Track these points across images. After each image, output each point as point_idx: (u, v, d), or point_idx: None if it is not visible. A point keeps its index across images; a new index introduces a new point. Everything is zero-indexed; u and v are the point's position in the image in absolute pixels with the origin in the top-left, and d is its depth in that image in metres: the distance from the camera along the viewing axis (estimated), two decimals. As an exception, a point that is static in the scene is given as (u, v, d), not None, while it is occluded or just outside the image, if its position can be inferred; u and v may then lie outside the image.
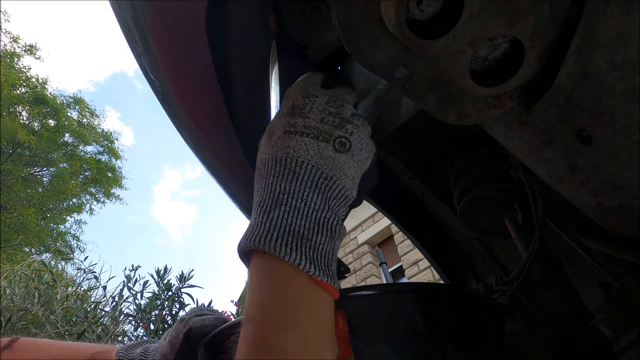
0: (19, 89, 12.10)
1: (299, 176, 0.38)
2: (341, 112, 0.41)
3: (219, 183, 0.73)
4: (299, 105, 0.41)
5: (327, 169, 0.38)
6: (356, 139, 0.41)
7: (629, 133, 0.39)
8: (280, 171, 0.39)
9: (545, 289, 0.68)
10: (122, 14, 0.50)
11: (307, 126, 0.40)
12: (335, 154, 0.39)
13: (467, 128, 0.48)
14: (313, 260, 0.35)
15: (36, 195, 12.33)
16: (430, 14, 0.38)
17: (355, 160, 0.40)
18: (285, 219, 0.36)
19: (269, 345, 0.32)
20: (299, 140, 0.39)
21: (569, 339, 0.64)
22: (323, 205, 0.38)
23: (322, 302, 0.36)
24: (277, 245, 0.35)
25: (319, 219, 0.37)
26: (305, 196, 0.37)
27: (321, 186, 0.38)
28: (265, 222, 0.37)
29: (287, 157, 0.39)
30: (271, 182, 0.39)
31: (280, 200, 0.37)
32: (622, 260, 0.68)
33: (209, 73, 0.52)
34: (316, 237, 0.37)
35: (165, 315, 3.95)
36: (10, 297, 3.40)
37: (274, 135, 0.41)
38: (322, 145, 0.39)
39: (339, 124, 0.40)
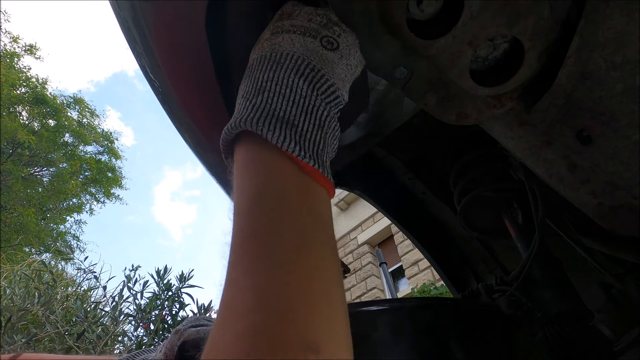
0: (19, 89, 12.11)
1: (284, 65, 0.36)
2: (329, 14, 0.39)
3: (219, 183, 0.73)
4: (287, 11, 0.40)
5: (313, 60, 0.36)
6: (344, 42, 0.38)
7: (629, 133, 0.39)
8: (264, 64, 0.37)
9: (545, 289, 0.68)
10: (122, 14, 0.50)
11: (294, 25, 0.38)
12: (322, 50, 0.37)
13: (467, 128, 0.48)
14: (298, 142, 0.32)
15: (36, 195, 12.33)
16: (430, 14, 0.38)
17: (344, 62, 0.38)
18: (268, 104, 0.33)
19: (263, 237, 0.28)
20: (285, 37, 0.38)
21: (569, 339, 0.64)
22: (310, 93, 0.35)
23: (315, 193, 0.33)
24: (260, 124, 0.32)
25: (306, 107, 0.34)
26: (291, 82, 0.35)
27: (308, 75, 0.35)
28: (248, 106, 0.34)
29: (272, 51, 0.37)
30: (255, 76, 0.36)
31: (263, 88, 0.35)
32: (622, 260, 0.68)
33: (209, 73, 0.52)
34: (302, 123, 0.33)
35: (165, 315, 3.95)
36: (10, 297, 3.40)
37: (260, 41, 0.40)
38: (309, 40, 0.37)
39: (327, 24, 0.38)
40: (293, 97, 0.34)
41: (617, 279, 0.74)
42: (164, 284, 4.01)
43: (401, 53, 0.41)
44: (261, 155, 0.33)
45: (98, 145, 14.16)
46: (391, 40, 0.40)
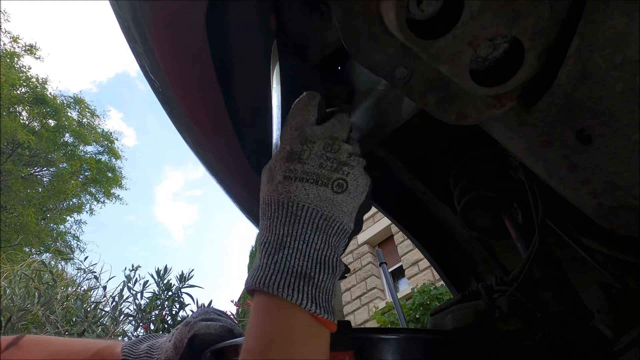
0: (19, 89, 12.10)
1: (300, 219, 0.41)
2: (338, 156, 0.43)
3: (219, 183, 0.73)
4: (297, 151, 0.44)
5: (326, 211, 0.41)
6: (352, 179, 0.43)
7: (629, 133, 0.39)
8: (282, 214, 0.41)
9: (545, 289, 0.68)
10: (122, 13, 0.50)
11: (306, 172, 0.42)
12: (333, 196, 0.42)
13: (467, 128, 0.48)
14: (314, 298, 0.38)
15: (36, 195, 12.33)
16: (430, 13, 0.38)
17: (351, 198, 0.43)
18: (288, 261, 0.39)
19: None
20: (299, 186, 0.42)
21: (569, 339, 0.64)
22: (323, 245, 0.41)
23: (321, 337, 0.39)
24: (281, 287, 0.38)
25: (320, 258, 0.40)
26: (307, 238, 0.40)
27: (321, 227, 0.41)
28: (270, 264, 0.39)
29: (289, 201, 0.41)
30: (275, 225, 0.41)
31: (283, 243, 0.40)
32: (622, 260, 0.68)
33: (209, 73, 0.52)
34: (318, 275, 0.39)
35: (165, 315, 3.94)
36: (10, 297, 3.40)
37: (275, 180, 0.44)
38: (322, 189, 0.42)
39: (337, 168, 0.43)
40: (309, 252, 0.40)
41: (617, 279, 0.74)
42: (164, 284, 4.01)
43: (401, 53, 0.41)
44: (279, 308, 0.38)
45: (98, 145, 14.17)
46: (391, 40, 0.40)
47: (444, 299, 5.92)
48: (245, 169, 0.63)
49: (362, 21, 0.39)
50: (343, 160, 0.43)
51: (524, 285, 0.70)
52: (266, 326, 0.38)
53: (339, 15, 0.39)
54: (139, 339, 0.64)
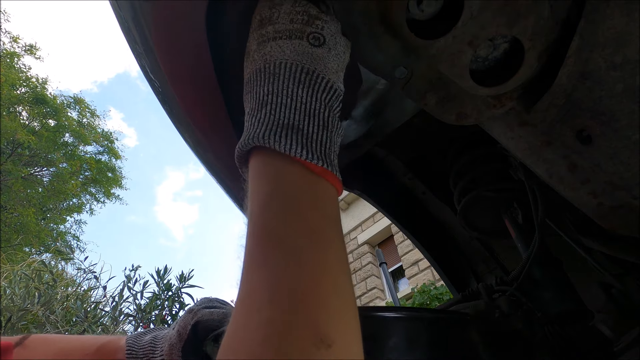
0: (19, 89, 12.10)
1: (280, 75, 0.37)
2: (307, 9, 0.40)
3: (219, 183, 0.73)
4: (266, 16, 0.41)
5: (307, 64, 0.38)
6: (328, 33, 0.40)
7: (629, 133, 0.39)
8: (261, 78, 0.38)
9: (545, 289, 0.68)
10: (122, 13, 0.50)
11: (277, 30, 0.39)
12: (312, 49, 0.38)
13: (467, 128, 0.48)
14: (305, 145, 0.34)
15: (36, 195, 12.33)
16: (430, 14, 0.38)
17: (333, 54, 0.39)
18: (272, 115, 0.35)
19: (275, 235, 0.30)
20: (272, 45, 0.39)
21: (569, 339, 0.64)
22: (311, 98, 0.37)
23: (323, 191, 0.34)
24: (266, 136, 0.34)
25: (308, 111, 0.36)
26: (290, 92, 0.36)
27: (305, 80, 0.37)
28: (254, 123, 0.36)
29: (265, 63, 0.38)
30: (256, 91, 0.38)
31: (265, 101, 0.37)
32: (622, 260, 0.68)
33: (209, 73, 0.52)
34: (308, 126, 0.35)
35: (165, 315, 3.94)
36: (10, 297, 3.40)
37: (250, 53, 0.41)
38: (297, 42, 0.38)
39: (308, 21, 0.39)
40: (294, 105, 0.36)
41: (617, 279, 0.74)
42: (164, 284, 4.01)
43: (401, 53, 0.41)
44: (272, 163, 0.35)
45: (98, 145, 14.16)
46: (391, 40, 0.40)
47: (444, 299, 5.92)
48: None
49: (362, 21, 0.39)
50: (314, 14, 0.40)
51: (524, 285, 0.70)
52: (259, 188, 0.34)
53: (339, 15, 0.39)
54: (143, 331, 0.64)
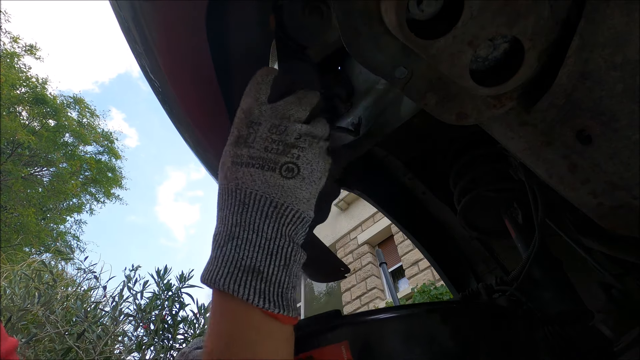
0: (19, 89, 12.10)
1: (249, 207, 0.39)
2: (284, 138, 0.40)
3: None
4: (243, 135, 0.42)
5: (276, 197, 0.39)
6: (304, 162, 0.40)
7: (629, 133, 0.39)
8: (231, 203, 0.40)
9: (545, 289, 0.68)
10: (122, 13, 0.50)
11: (252, 156, 0.40)
12: (283, 181, 0.39)
13: (467, 128, 0.48)
14: (263, 293, 0.36)
15: (36, 195, 12.33)
16: (430, 13, 0.38)
17: (307, 183, 0.40)
18: (237, 253, 0.37)
19: None
20: (245, 172, 0.40)
21: (569, 339, 0.64)
22: (276, 234, 0.38)
23: (278, 333, 0.38)
24: (227, 282, 0.36)
25: (271, 249, 0.38)
26: (257, 227, 0.38)
27: (272, 214, 0.38)
28: (219, 257, 0.38)
29: (237, 188, 0.40)
30: (225, 215, 0.40)
31: (232, 234, 0.38)
32: (622, 260, 0.68)
33: (209, 73, 0.52)
34: (268, 268, 0.37)
35: (165, 315, 3.94)
36: (10, 297, 3.40)
37: (225, 166, 0.42)
38: (268, 174, 0.39)
39: (283, 150, 0.40)
40: (259, 241, 0.38)
41: (617, 279, 0.74)
42: (164, 284, 4.01)
43: (401, 53, 0.41)
44: (232, 307, 0.37)
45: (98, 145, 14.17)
46: (391, 40, 0.40)
47: (444, 299, 5.92)
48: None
49: (362, 21, 0.39)
50: (290, 142, 0.40)
51: (524, 285, 0.70)
52: (221, 326, 0.38)
53: (339, 15, 0.39)
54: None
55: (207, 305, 4.05)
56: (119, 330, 3.74)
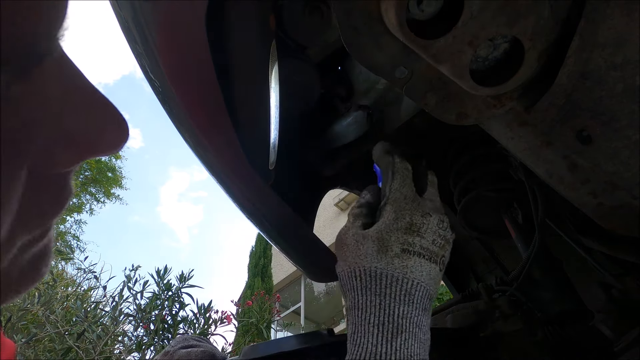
0: (19, 89, 12.09)
1: (414, 298, 0.39)
2: (446, 234, 0.43)
3: (219, 183, 0.73)
4: (417, 223, 0.42)
5: (431, 289, 0.41)
6: (448, 257, 0.44)
7: (629, 133, 0.39)
8: (396, 292, 0.39)
9: (545, 289, 0.68)
10: (122, 13, 0.50)
11: (423, 247, 0.41)
12: (438, 274, 0.42)
13: (467, 128, 0.48)
14: None
15: (36, 195, 12.31)
16: (431, 13, 0.38)
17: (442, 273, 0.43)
18: (407, 348, 0.37)
19: None
20: (417, 261, 0.40)
21: (569, 339, 0.64)
22: (427, 328, 0.40)
23: None
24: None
25: (426, 344, 0.39)
26: (419, 321, 0.39)
27: (426, 306, 0.40)
28: (389, 352, 0.37)
29: (404, 277, 0.40)
30: (388, 303, 0.39)
31: (400, 326, 0.38)
32: (622, 260, 0.68)
33: (209, 73, 0.52)
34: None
35: (165, 315, 3.94)
36: (10, 297, 3.40)
37: (390, 251, 0.41)
38: (433, 266, 0.41)
39: (444, 246, 0.43)
40: (421, 337, 0.39)
41: (617, 279, 0.74)
42: (164, 284, 4.01)
43: (401, 53, 0.41)
44: None
45: (98, 145, 14.16)
46: (391, 40, 0.40)
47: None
48: (245, 168, 0.63)
49: (362, 21, 0.39)
50: (448, 239, 0.43)
51: (524, 285, 0.70)
52: None
53: (339, 15, 0.39)
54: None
55: (207, 305, 4.05)
56: (119, 330, 3.73)
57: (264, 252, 9.46)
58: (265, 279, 8.99)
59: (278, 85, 0.60)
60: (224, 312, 4.21)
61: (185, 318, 4.03)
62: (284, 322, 7.74)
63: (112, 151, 0.20)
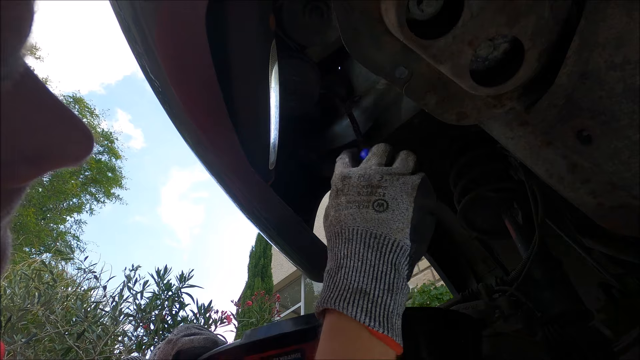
0: (19, 88, 12.07)
1: (353, 241, 0.45)
2: (370, 182, 0.49)
3: (219, 183, 0.73)
4: (340, 187, 0.51)
5: (374, 229, 0.45)
6: (390, 197, 0.47)
7: (629, 133, 0.39)
8: (339, 241, 0.46)
9: (545, 289, 0.68)
10: (122, 13, 0.50)
11: (349, 201, 0.48)
12: (377, 215, 0.46)
13: (467, 128, 0.48)
14: (370, 312, 0.40)
15: (36, 195, 12.32)
16: (431, 13, 0.38)
17: (396, 215, 0.46)
18: (345, 279, 0.42)
19: None
20: (346, 214, 0.47)
21: (569, 339, 0.64)
22: (378, 261, 0.43)
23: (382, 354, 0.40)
24: (338, 302, 0.41)
25: (375, 274, 0.42)
26: (361, 256, 0.43)
27: (373, 244, 0.44)
28: (330, 285, 0.43)
29: (342, 229, 0.47)
30: (334, 253, 0.46)
31: (341, 264, 0.44)
32: (622, 260, 0.68)
33: (209, 73, 0.52)
34: (373, 290, 0.41)
35: (165, 315, 3.94)
36: (10, 297, 3.40)
37: (329, 217, 0.50)
38: (364, 211, 0.46)
39: (371, 191, 0.48)
40: (364, 268, 0.43)
41: (617, 279, 0.74)
42: (164, 284, 4.01)
43: (401, 53, 0.41)
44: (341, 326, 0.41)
45: (98, 145, 14.17)
46: (391, 40, 0.40)
47: (444, 299, 5.92)
48: (245, 168, 0.63)
49: (363, 21, 0.39)
50: (375, 184, 0.48)
51: (524, 285, 0.70)
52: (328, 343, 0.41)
53: (339, 15, 0.39)
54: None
55: (207, 305, 4.05)
56: (119, 330, 3.73)
57: (264, 252, 9.46)
58: (265, 279, 8.99)
59: (278, 85, 0.60)
60: (224, 312, 4.21)
61: (185, 318, 4.03)
62: (284, 322, 7.74)
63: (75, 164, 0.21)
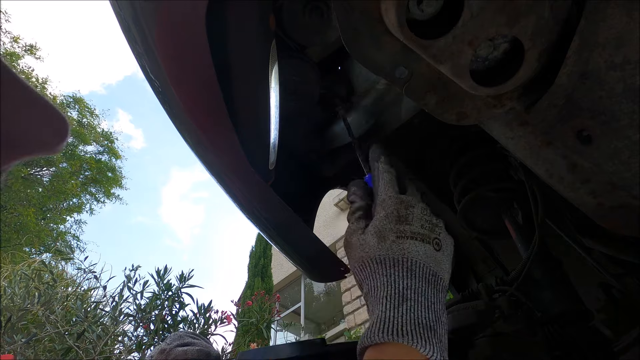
0: (19, 89, 12.07)
1: (416, 274, 0.45)
2: (431, 219, 0.49)
3: (219, 183, 0.73)
4: (403, 215, 0.49)
5: (433, 267, 0.46)
6: (443, 238, 0.49)
7: (629, 133, 0.39)
8: (399, 270, 0.45)
9: (545, 289, 0.68)
10: (122, 13, 0.50)
11: (413, 232, 0.48)
12: (435, 253, 0.47)
13: (467, 128, 0.48)
14: (436, 348, 0.40)
15: (36, 195, 12.32)
16: (431, 13, 0.38)
17: (445, 256, 0.48)
18: (413, 313, 0.42)
19: None
20: (411, 244, 0.47)
21: (569, 339, 0.64)
22: (435, 299, 0.44)
23: None
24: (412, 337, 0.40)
25: (436, 311, 0.43)
26: (423, 291, 0.44)
27: (432, 281, 0.45)
28: (397, 316, 0.42)
29: (403, 257, 0.46)
30: (393, 280, 0.45)
31: (405, 296, 0.43)
32: (622, 260, 0.68)
33: (209, 73, 0.52)
34: (438, 327, 0.42)
35: (165, 315, 3.94)
36: (10, 297, 3.40)
37: (387, 240, 0.48)
38: (427, 246, 0.47)
39: (432, 228, 0.49)
40: (427, 304, 0.43)
41: (617, 279, 0.74)
42: (164, 284, 4.01)
43: (401, 53, 0.41)
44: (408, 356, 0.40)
45: (98, 145, 14.16)
46: (391, 40, 0.40)
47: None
48: (245, 168, 0.63)
49: (363, 21, 0.39)
50: (435, 222, 0.49)
51: (524, 285, 0.70)
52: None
53: (339, 15, 0.39)
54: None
55: (207, 305, 4.04)
56: (119, 330, 3.73)
57: (264, 252, 9.46)
58: (265, 279, 8.99)
59: (278, 85, 0.60)
60: (224, 312, 4.20)
61: (185, 318, 4.03)
62: (284, 322, 7.74)
63: (51, 151, 0.21)
